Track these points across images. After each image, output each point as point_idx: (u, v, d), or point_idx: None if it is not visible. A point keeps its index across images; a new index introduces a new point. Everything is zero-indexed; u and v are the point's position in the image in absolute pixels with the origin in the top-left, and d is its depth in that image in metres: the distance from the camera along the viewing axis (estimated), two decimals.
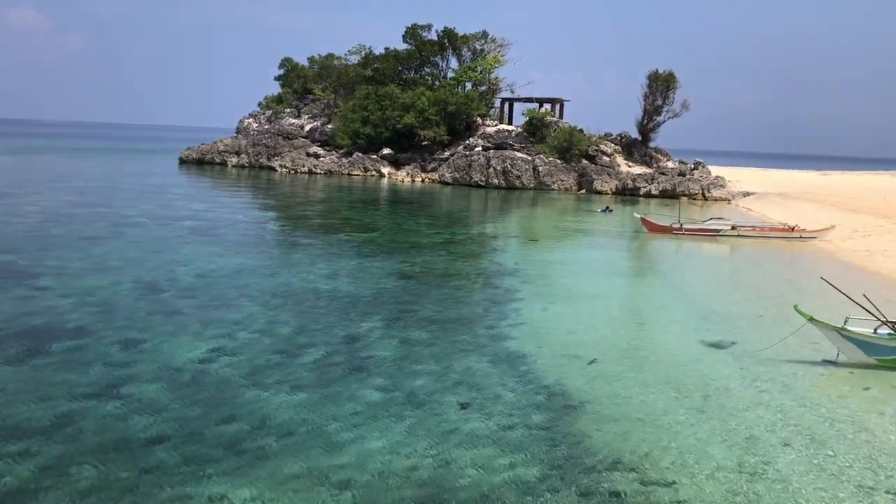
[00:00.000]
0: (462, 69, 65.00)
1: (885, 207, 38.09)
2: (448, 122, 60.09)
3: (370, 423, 9.12)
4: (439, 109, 59.48)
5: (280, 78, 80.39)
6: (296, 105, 75.68)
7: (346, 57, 72.11)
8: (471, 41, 65.30)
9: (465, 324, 14.34)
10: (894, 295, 17.00)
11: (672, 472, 8.07)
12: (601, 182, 53.97)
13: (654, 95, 58.76)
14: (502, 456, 8.32)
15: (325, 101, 71.38)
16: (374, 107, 61.10)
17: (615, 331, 14.52)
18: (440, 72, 66.98)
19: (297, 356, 11.74)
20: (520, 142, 58.56)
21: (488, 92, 65.86)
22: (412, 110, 59.69)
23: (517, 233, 31.36)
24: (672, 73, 58.48)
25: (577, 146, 56.31)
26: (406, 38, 66.74)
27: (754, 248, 27.74)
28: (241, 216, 31.48)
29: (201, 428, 8.82)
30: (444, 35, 65.12)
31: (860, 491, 7.76)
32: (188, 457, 8.04)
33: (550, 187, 54.33)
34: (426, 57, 66.44)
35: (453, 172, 57.11)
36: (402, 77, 65.75)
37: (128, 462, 7.85)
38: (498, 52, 65.82)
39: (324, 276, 18.29)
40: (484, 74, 64.79)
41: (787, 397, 10.67)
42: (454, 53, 66.30)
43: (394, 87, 62.11)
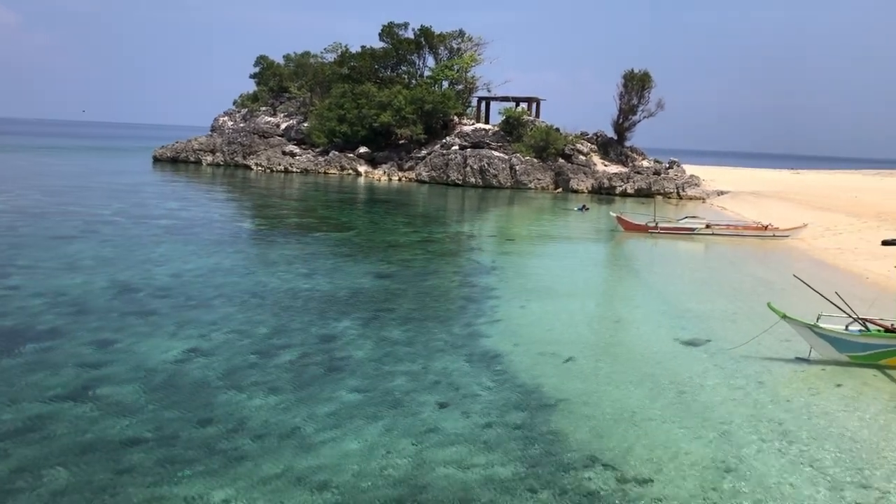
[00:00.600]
0: (439, 68, 64.99)
1: (856, 206, 38.67)
2: (425, 121, 60.06)
3: (347, 424, 9.09)
4: (416, 108, 59.44)
5: (256, 76, 79.85)
6: (271, 103, 75.24)
7: (323, 55, 71.85)
8: (447, 40, 65.31)
9: (442, 322, 14.35)
10: (865, 292, 17.26)
11: (647, 468, 8.13)
12: (577, 181, 54.22)
13: (629, 95, 59.17)
14: (479, 455, 8.33)
15: (301, 99, 71.03)
16: (351, 105, 60.91)
17: (591, 329, 14.61)
18: (417, 70, 66.94)
19: (274, 356, 11.68)
20: (496, 141, 58.68)
21: (465, 91, 65.92)
22: (389, 109, 59.59)
23: (494, 231, 31.43)
24: (647, 73, 58.94)
25: (553, 145, 56.54)
26: (383, 37, 66.60)
27: (728, 246, 28.02)
28: (217, 215, 31.24)
29: (177, 429, 8.74)
30: (420, 34, 65.07)
31: (833, 485, 7.87)
32: (163, 458, 7.97)
33: (527, 186, 54.51)
34: (403, 55, 66.36)
35: (430, 171, 57.10)
36: (378, 75, 65.62)
37: (102, 463, 7.77)
38: (474, 51, 65.92)
39: (300, 276, 18.21)
40: (461, 73, 64.85)
41: (761, 393, 10.79)
42: (431, 52, 66.30)
43: (370, 86, 61.96)
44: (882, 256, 21.80)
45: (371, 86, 62.02)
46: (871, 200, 41.05)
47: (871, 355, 12.20)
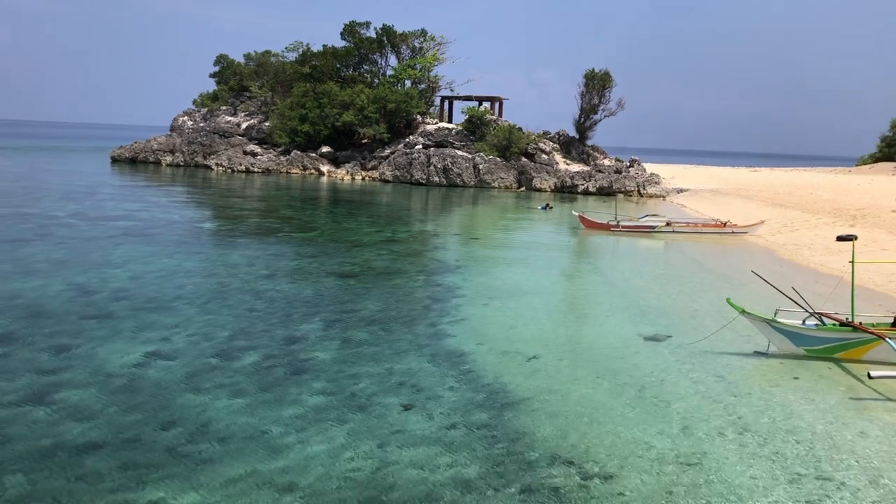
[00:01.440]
0: (401, 67, 64.94)
1: (811, 203, 39.47)
2: (388, 120, 60.00)
3: (312, 426, 9.04)
4: (379, 107, 59.32)
5: (216, 75, 79.03)
6: (232, 103, 74.48)
7: (284, 54, 71.34)
8: (410, 39, 65.31)
9: (406, 323, 14.33)
10: (821, 287, 17.64)
11: (611, 464, 8.21)
12: (540, 180, 54.58)
13: (590, 94, 59.80)
14: (444, 455, 8.34)
15: (262, 98, 70.41)
16: (313, 104, 60.56)
17: (555, 326, 14.71)
18: (379, 69, 66.83)
19: (237, 359, 11.56)
20: (460, 140, 58.80)
21: (428, 90, 65.98)
22: (351, 108, 59.38)
23: (458, 230, 31.47)
24: (608, 73, 59.62)
25: (516, 144, 56.86)
26: (344, 36, 66.37)
27: (688, 243, 28.43)
28: (177, 216, 30.82)
29: (138, 433, 8.61)
30: (382, 33, 64.97)
31: (791, 477, 8.02)
32: (124, 463, 7.84)
33: (491, 185, 54.71)
34: (365, 54, 66.22)
35: (394, 170, 57.02)
36: (340, 75, 65.36)
37: (60, 470, 7.62)
38: (437, 51, 66.00)
39: (263, 277, 18.05)
40: (423, 72, 64.85)
41: (721, 388, 10.97)
42: (393, 51, 66.23)
43: (332, 85, 61.68)
44: (837, 252, 22.29)
45: (333, 85, 61.74)
46: (826, 197, 41.94)
47: (826, 349, 12.48)
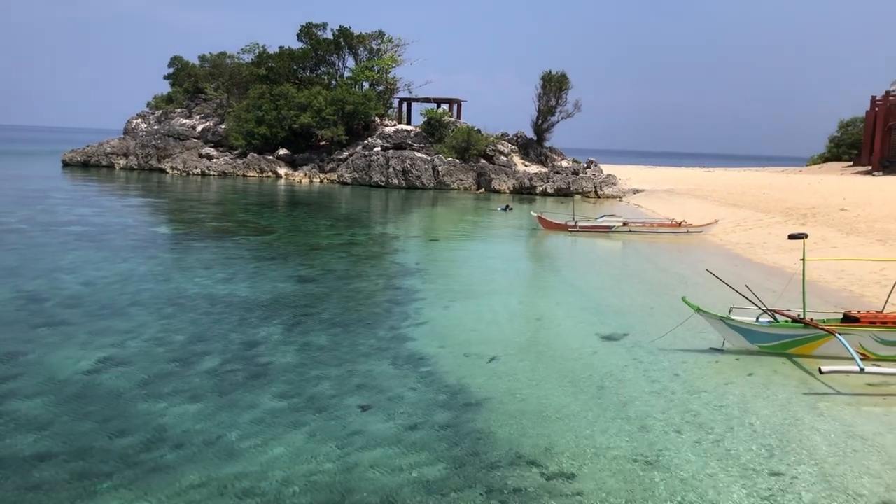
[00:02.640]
0: (359, 69, 64.69)
1: (764, 202, 40.31)
2: (346, 122, 59.70)
3: (271, 430, 8.94)
4: (337, 109, 59.00)
5: (170, 77, 77.82)
6: (187, 105, 73.41)
7: (239, 55, 70.58)
8: (367, 41, 65.11)
9: (366, 326, 14.27)
10: (774, 284, 18.01)
11: (571, 463, 8.28)
12: (499, 181, 54.83)
13: (547, 96, 60.21)
14: (405, 456, 8.32)
15: (217, 100, 69.55)
16: (269, 106, 60.01)
17: (515, 327, 14.78)
18: (337, 71, 66.49)
19: (193, 364, 11.39)
20: (419, 142, 58.79)
21: (386, 92, 65.84)
22: (309, 110, 58.97)
23: (418, 232, 31.45)
24: (564, 75, 60.11)
25: (475, 146, 57.02)
26: (301, 37, 65.89)
27: (644, 243, 28.80)
28: (131, 220, 30.28)
29: (91, 442, 8.43)
30: (339, 34, 64.66)
31: (746, 472, 8.17)
32: (77, 472, 7.67)
33: (450, 187, 54.81)
34: (322, 56, 65.82)
35: (352, 173, 56.78)
36: (297, 76, 64.89)
37: (10, 480, 7.41)
38: (395, 52, 65.90)
39: (219, 281, 17.82)
40: (381, 74, 64.69)
41: (678, 385, 11.13)
42: (350, 53, 65.96)
43: (289, 87, 61.19)
44: (789, 250, 22.80)
45: (290, 87, 61.26)
46: (778, 196, 42.86)
47: (779, 345, 12.74)
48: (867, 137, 74.79)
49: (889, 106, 71.04)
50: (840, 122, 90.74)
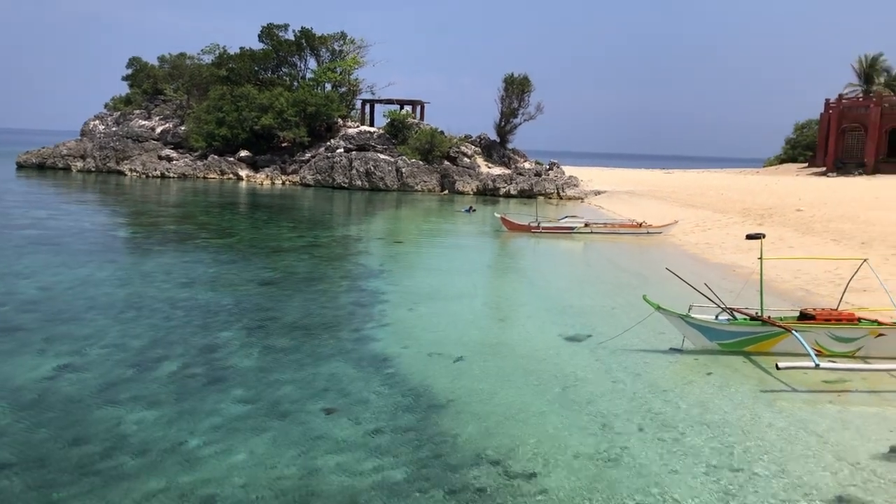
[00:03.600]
0: (321, 70, 64.35)
1: (721, 203, 40.96)
2: (308, 124, 59.33)
3: (233, 436, 8.84)
4: (298, 110, 58.61)
5: (128, 78, 76.59)
6: (146, 106, 72.32)
7: (199, 56, 69.70)
8: (329, 42, 64.81)
9: (329, 329, 14.19)
10: (732, 283, 18.30)
11: (534, 463, 8.32)
12: (463, 183, 54.96)
13: (510, 98, 60.53)
14: (369, 460, 8.29)
15: (177, 102, 68.65)
16: (230, 108, 59.40)
17: (479, 328, 14.81)
18: (299, 72, 66.07)
19: (153, 370, 11.22)
20: (382, 143, 58.67)
21: (348, 93, 65.59)
22: (270, 111, 58.50)
23: (382, 234, 31.39)
24: (527, 77, 60.52)
25: (438, 148, 57.09)
26: (262, 38, 65.34)
27: (606, 243, 29.10)
28: (88, 224, 29.74)
29: (47, 451, 8.25)
30: (301, 35, 64.26)
31: (707, 469, 8.29)
32: (33, 482, 7.50)
33: (414, 188, 54.79)
34: (283, 57, 65.36)
35: (315, 174, 56.47)
36: (258, 77, 64.35)
37: None
38: (357, 54, 65.69)
39: (179, 285, 17.57)
40: (344, 76, 64.42)
41: (639, 384, 11.25)
42: (312, 54, 65.59)
43: (250, 88, 60.65)
44: (747, 249, 23.17)
45: (251, 88, 60.72)
46: (735, 197, 43.58)
47: (738, 342, 12.96)
48: (821, 139, 76.43)
49: (842, 109, 72.70)
50: (795, 124, 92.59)
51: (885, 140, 68.14)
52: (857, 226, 28.07)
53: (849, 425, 9.77)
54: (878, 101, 69.86)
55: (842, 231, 27.09)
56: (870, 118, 68.48)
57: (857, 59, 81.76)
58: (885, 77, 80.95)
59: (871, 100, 71.74)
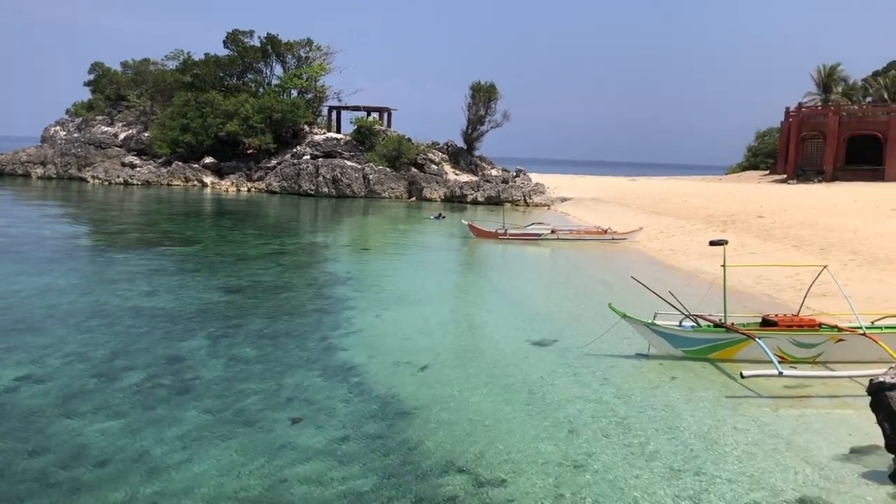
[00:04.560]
0: (287, 76, 64.02)
1: (685, 210, 41.48)
2: (274, 130, 58.95)
3: (197, 446, 8.73)
4: (264, 117, 58.22)
5: (90, 83, 75.41)
6: (108, 112, 71.25)
7: (163, 62, 68.93)
8: (295, 48, 64.52)
9: (295, 337, 14.09)
10: (696, 290, 18.52)
11: (502, 470, 8.34)
12: (430, 190, 55.01)
13: (476, 106, 60.72)
14: (336, 469, 8.24)
15: (140, 108, 67.78)
16: (195, 114, 58.80)
17: (447, 335, 14.82)
18: (264, 79, 65.66)
19: (116, 380, 11.03)
20: (349, 150, 58.49)
21: (315, 100, 65.31)
22: (236, 118, 58.03)
23: (349, 241, 31.27)
24: (493, 85, 60.76)
25: (405, 154, 57.07)
26: (227, 44, 64.84)
27: (572, 250, 29.31)
28: (49, 231, 29.20)
29: (7, 462, 8.07)
30: (267, 41, 63.89)
31: (672, 473, 8.38)
32: None
33: (381, 195, 54.70)
34: (249, 63, 64.93)
35: (281, 181, 56.10)
36: (224, 84, 63.80)
37: None
38: (323, 60, 65.45)
39: (143, 294, 17.32)
40: (310, 82, 64.15)
41: (605, 390, 11.34)
42: (278, 60, 65.26)
43: (215, 94, 60.10)
44: (710, 256, 23.48)
45: (216, 94, 60.18)
46: (699, 204, 44.15)
47: (702, 349, 13.12)
48: (782, 147, 77.83)
49: (802, 117, 74.14)
50: (757, 132, 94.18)
51: (843, 148, 69.59)
52: (816, 232, 28.63)
53: (810, 428, 9.94)
54: (836, 109, 71.40)
55: (802, 237, 27.61)
56: (828, 126, 69.93)
57: (816, 68, 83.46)
58: (842, 86, 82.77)
59: (829, 109, 73.28)
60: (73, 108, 76.13)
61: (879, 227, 29.34)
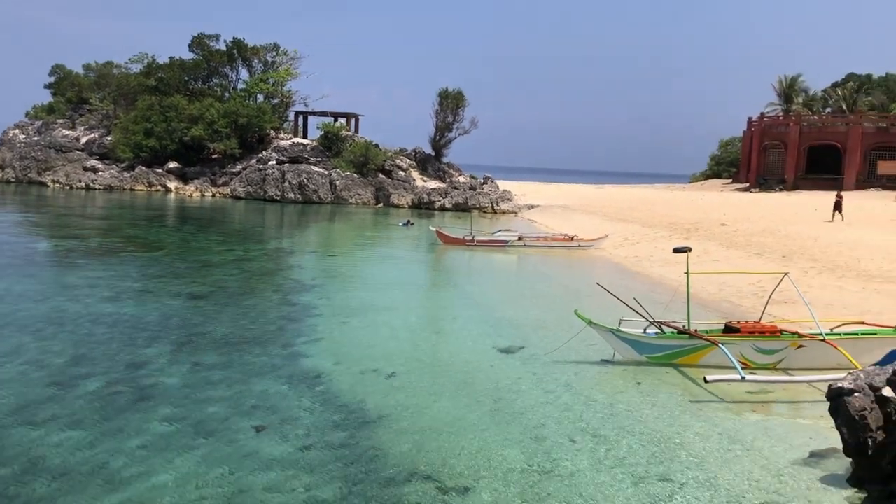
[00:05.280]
0: (253, 81, 63.54)
1: (650, 217, 41.93)
2: (239, 135, 58.42)
3: (158, 456, 8.57)
4: (230, 122, 57.69)
5: (51, 86, 74.10)
6: (70, 115, 70.06)
7: (127, 65, 68.01)
8: (262, 53, 64.07)
9: (260, 344, 13.93)
10: (660, 296, 18.71)
11: (467, 477, 8.31)
12: (398, 196, 54.92)
13: (444, 113, 60.81)
14: (300, 477, 8.15)
15: (103, 111, 66.75)
16: (159, 118, 58.07)
17: (413, 342, 14.76)
18: (230, 83, 65.12)
19: (75, 388, 10.80)
20: (316, 156, 58.19)
21: (281, 105, 64.89)
22: (201, 122, 57.42)
23: (315, 248, 31.06)
24: (461, 92, 60.89)
25: (373, 161, 56.91)
26: (192, 48, 64.19)
27: (539, 257, 29.44)
28: (6, 237, 28.58)
29: None
30: (233, 46, 63.38)
31: (636, 479, 8.42)
32: None
33: (348, 201, 54.48)
34: (215, 67, 64.32)
35: (246, 186, 55.61)
36: (188, 88, 63.12)
37: None
38: (290, 65, 65.09)
39: (104, 300, 17.01)
40: (276, 87, 63.72)
41: (571, 396, 11.38)
42: (244, 65, 64.74)
43: (180, 98, 59.43)
44: (674, 263, 23.72)
45: (181, 98, 59.50)
46: (663, 212, 44.67)
47: (666, 355, 13.24)
48: (744, 156, 79.16)
49: (764, 127, 75.48)
50: (720, 141, 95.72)
51: (803, 157, 70.96)
52: (777, 240, 29.11)
53: (771, 433, 10.07)
54: (796, 119, 72.84)
55: (764, 245, 28.05)
56: (789, 136, 71.27)
57: (778, 79, 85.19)
58: (803, 97, 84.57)
59: (790, 118, 74.74)
60: (33, 110, 74.72)
61: (840, 234, 29.93)
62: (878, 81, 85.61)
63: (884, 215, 38.68)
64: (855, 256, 24.05)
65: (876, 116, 70.07)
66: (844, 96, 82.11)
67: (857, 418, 7.15)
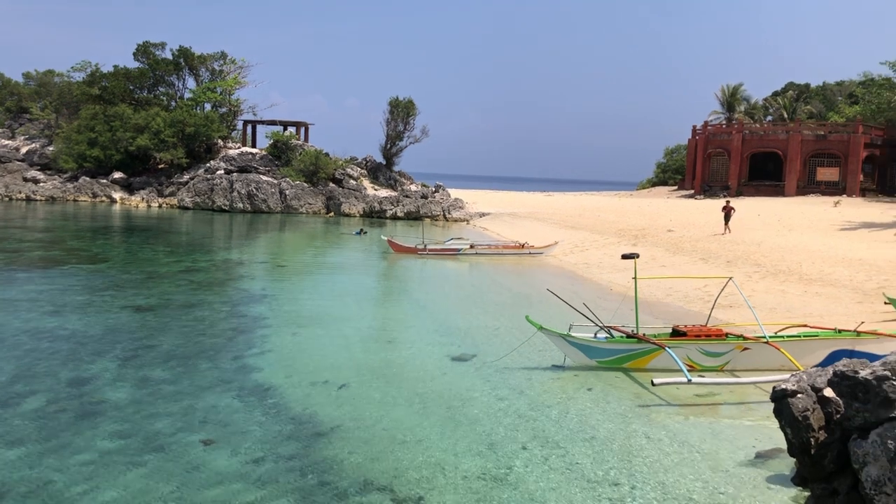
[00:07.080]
0: (200, 90, 62.70)
1: (599, 224, 42.50)
2: (186, 145, 57.55)
3: (104, 473, 8.36)
4: (176, 131, 56.79)
5: None
6: (9, 125, 68.18)
7: (69, 74, 66.49)
8: (209, 61, 63.29)
9: (208, 357, 13.70)
10: (610, 302, 18.98)
11: (421, 486, 8.30)
12: (349, 205, 54.67)
13: (395, 121, 60.87)
14: (251, 491, 8.03)
15: (44, 121, 65.11)
16: (103, 128, 56.87)
17: (365, 352, 14.68)
18: (177, 92, 64.14)
19: (14, 405, 10.48)
20: (265, 165, 57.63)
21: (229, 114, 64.16)
22: (146, 132, 56.40)
23: (265, 258, 30.70)
24: (411, 101, 61.03)
25: (323, 170, 56.61)
26: (138, 56, 63.09)
27: (490, 265, 29.59)
28: None
29: None
30: (179, 54, 62.47)
31: (589, 484, 8.51)
32: None
33: (298, 211, 54.05)
34: (161, 76, 63.30)
35: (194, 197, 54.76)
36: (134, 97, 61.98)
37: None
38: (238, 74, 64.42)
39: (46, 314, 16.55)
40: (224, 96, 62.98)
41: (523, 402, 11.45)
42: (191, 73, 63.86)
43: (125, 108, 58.30)
44: (622, 269, 24.11)
45: (126, 107, 58.37)
46: (611, 219, 45.31)
47: (615, 360, 13.43)
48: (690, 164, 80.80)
49: (708, 135, 77.19)
50: (666, 149, 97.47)
51: (746, 164, 72.74)
52: (722, 245, 29.78)
53: (719, 435, 10.27)
54: (739, 127, 74.64)
55: (709, 250, 28.66)
56: (732, 144, 73.01)
57: (721, 88, 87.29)
58: (745, 105, 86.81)
59: (733, 127, 76.56)
60: None
61: (781, 239, 30.75)
62: (816, 91, 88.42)
63: (823, 220, 39.87)
64: (796, 261, 24.74)
65: (814, 125, 72.18)
66: (784, 105, 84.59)
67: (801, 419, 7.31)
